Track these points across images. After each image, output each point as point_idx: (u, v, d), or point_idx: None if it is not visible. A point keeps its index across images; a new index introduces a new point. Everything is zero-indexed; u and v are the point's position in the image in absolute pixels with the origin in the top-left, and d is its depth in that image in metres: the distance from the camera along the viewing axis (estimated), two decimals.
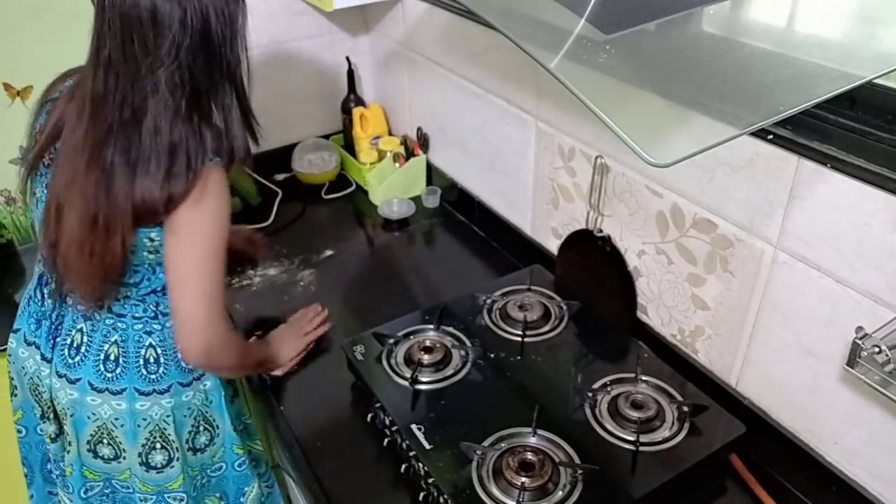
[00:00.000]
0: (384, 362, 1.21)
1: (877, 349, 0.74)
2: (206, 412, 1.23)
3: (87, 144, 1.01)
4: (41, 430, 1.27)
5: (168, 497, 1.23)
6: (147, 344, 1.16)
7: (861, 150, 0.84)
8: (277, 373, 1.31)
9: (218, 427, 1.26)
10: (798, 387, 1.02)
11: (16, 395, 1.29)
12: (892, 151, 0.81)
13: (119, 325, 1.15)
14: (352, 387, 1.27)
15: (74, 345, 1.16)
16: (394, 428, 1.11)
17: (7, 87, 1.61)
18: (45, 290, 1.20)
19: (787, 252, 0.97)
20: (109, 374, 1.15)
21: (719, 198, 1.04)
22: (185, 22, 0.97)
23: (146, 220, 1.03)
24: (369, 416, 1.18)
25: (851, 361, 0.77)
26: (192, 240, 1.04)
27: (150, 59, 0.97)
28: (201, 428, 1.23)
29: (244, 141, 1.09)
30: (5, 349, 1.41)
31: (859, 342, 0.76)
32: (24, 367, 1.22)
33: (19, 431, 1.31)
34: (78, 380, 1.16)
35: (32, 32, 1.59)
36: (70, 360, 1.16)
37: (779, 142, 0.92)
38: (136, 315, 1.15)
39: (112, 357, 1.15)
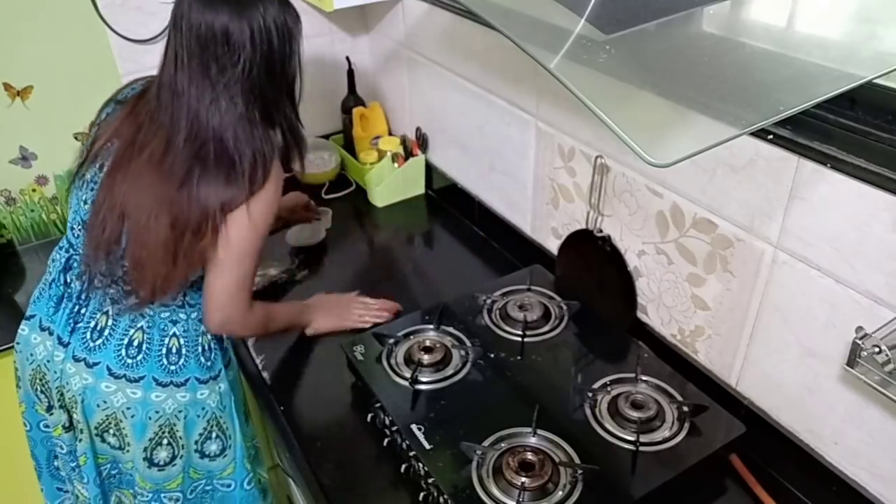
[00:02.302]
0: (384, 362, 1.21)
1: (877, 349, 0.74)
2: (220, 417, 1.23)
3: (166, 154, 1.07)
4: (45, 424, 1.27)
5: (164, 497, 1.23)
6: (171, 333, 1.18)
7: (861, 150, 0.84)
8: (308, 332, 1.36)
9: (230, 437, 1.26)
10: (798, 387, 1.02)
11: (19, 388, 1.28)
12: (892, 151, 0.81)
13: (147, 311, 1.16)
14: (352, 387, 1.27)
15: (98, 327, 1.17)
16: (394, 428, 1.11)
17: (7, 87, 1.61)
18: (70, 276, 1.20)
19: (787, 252, 0.97)
20: (130, 361, 1.16)
21: (719, 198, 1.04)
22: (253, 41, 1.06)
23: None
24: (369, 416, 1.18)
25: (851, 361, 0.77)
26: (251, 225, 1.10)
27: (225, 76, 1.06)
28: (214, 434, 1.23)
29: (302, 143, 1.21)
30: (8, 347, 1.42)
31: (859, 342, 0.76)
32: (32, 355, 1.21)
33: (25, 425, 1.31)
34: (96, 364, 1.16)
35: (32, 32, 1.59)
36: (91, 343, 1.16)
37: (779, 142, 0.92)
38: (165, 303, 1.16)
39: (136, 343, 1.16)
